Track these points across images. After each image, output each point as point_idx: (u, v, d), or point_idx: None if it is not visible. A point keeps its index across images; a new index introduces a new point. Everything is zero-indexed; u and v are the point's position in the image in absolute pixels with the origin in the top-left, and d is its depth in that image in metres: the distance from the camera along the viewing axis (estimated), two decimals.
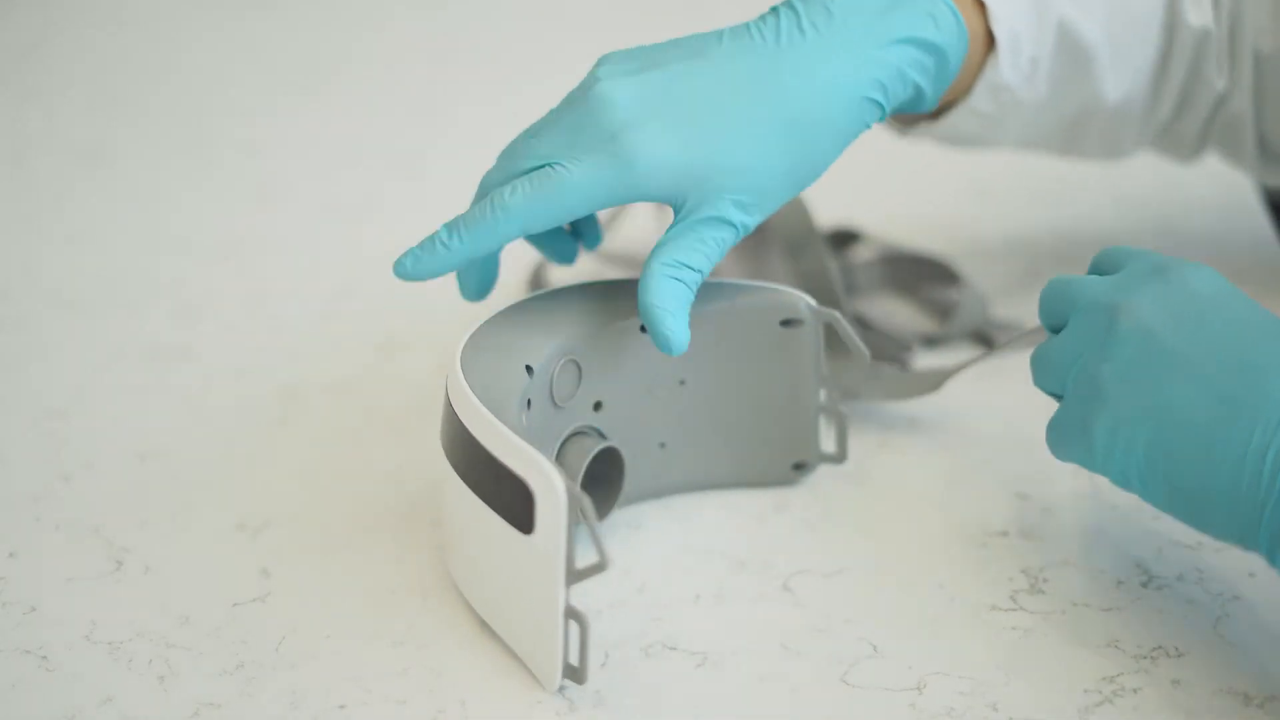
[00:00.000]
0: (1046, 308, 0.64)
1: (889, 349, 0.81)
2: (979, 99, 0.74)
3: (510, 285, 0.89)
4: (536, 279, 0.90)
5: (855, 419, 0.77)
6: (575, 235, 0.74)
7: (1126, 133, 0.82)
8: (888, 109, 0.68)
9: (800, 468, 0.73)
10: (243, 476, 0.75)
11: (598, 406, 0.69)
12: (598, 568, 0.58)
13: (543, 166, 0.65)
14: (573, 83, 0.68)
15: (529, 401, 0.65)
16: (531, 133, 0.67)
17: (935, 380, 0.76)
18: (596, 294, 0.69)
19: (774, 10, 0.68)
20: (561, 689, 0.61)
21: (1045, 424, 0.64)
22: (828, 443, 0.74)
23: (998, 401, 0.79)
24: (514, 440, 0.59)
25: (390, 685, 0.62)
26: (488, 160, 0.69)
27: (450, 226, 0.66)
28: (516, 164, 0.66)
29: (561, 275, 0.91)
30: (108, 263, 0.96)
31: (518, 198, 0.65)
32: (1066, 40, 0.75)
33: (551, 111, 0.67)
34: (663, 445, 0.71)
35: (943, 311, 0.86)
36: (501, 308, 0.69)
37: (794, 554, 0.69)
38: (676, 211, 0.66)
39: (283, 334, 0.89)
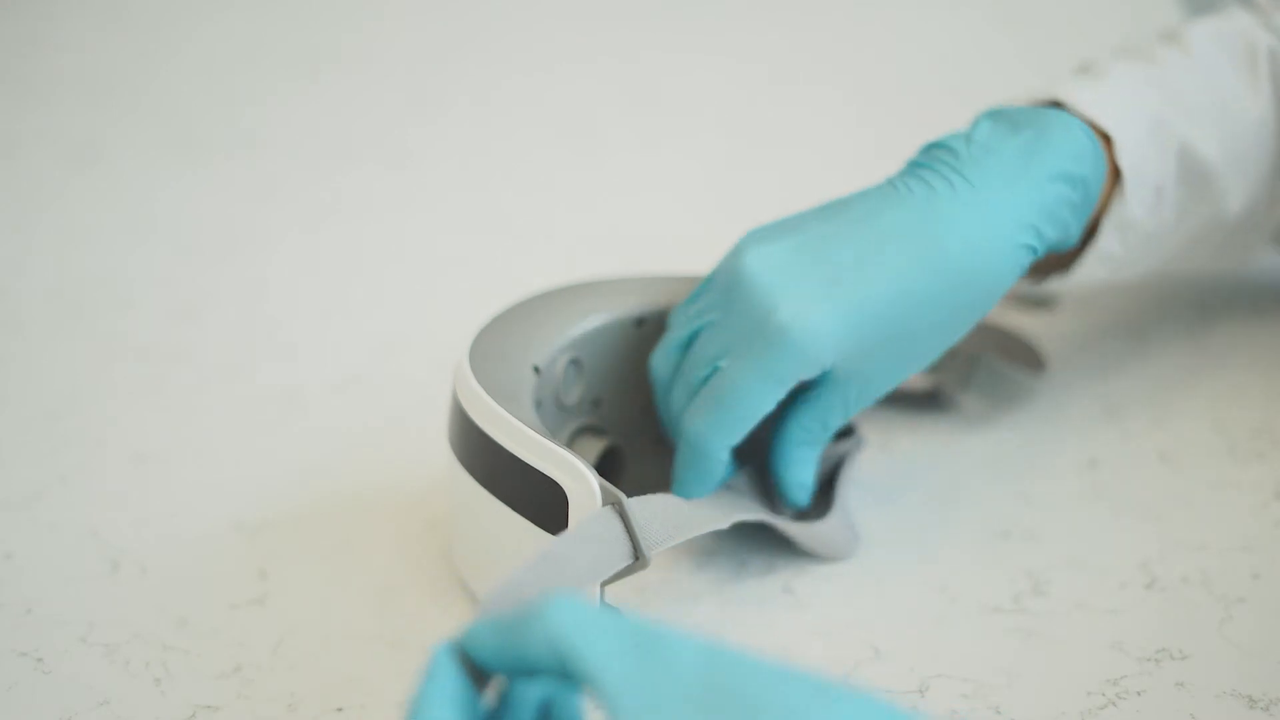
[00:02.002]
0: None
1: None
2: (1107, 240, 0.71)
3: (511, 285, 0.88)
4: None
5: (856, 419, 0.77)
6: None
7: (1250, 239, 0.79)
8: (1040, 251, 0.66)
9: None
10: (240, 477, 0.75)
11: (597, 404, 0.69)
12: (637, 566, 0.58)
13: (711, 372, 0.64)
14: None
15: (539, 402, 0.64)
16: (688, 315, 0.67)
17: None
18: (595, 292, 0.69)
19: (915, 164, 0.67)
20: None
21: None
22: None
23: (999, 401, 0.79)
24: (542, 442, 0.59)
25: (389, 687, 0.62)
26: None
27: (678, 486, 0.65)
28: (688, 373, 0.65)
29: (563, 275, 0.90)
30: (104, 262, 0.96)
31: (699, 422, 0.64)
32: (1188, 163, 0.72)
33: (704, 285, 0.67)
34: (659, 441, 0.71)
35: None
36: (501, 309, 0.68)
37: (795, 555, 0.69)
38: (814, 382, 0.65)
39: (281, 334, 0.89)
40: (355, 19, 1.36)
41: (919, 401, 0.77)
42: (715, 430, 0.63)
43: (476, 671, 0.49)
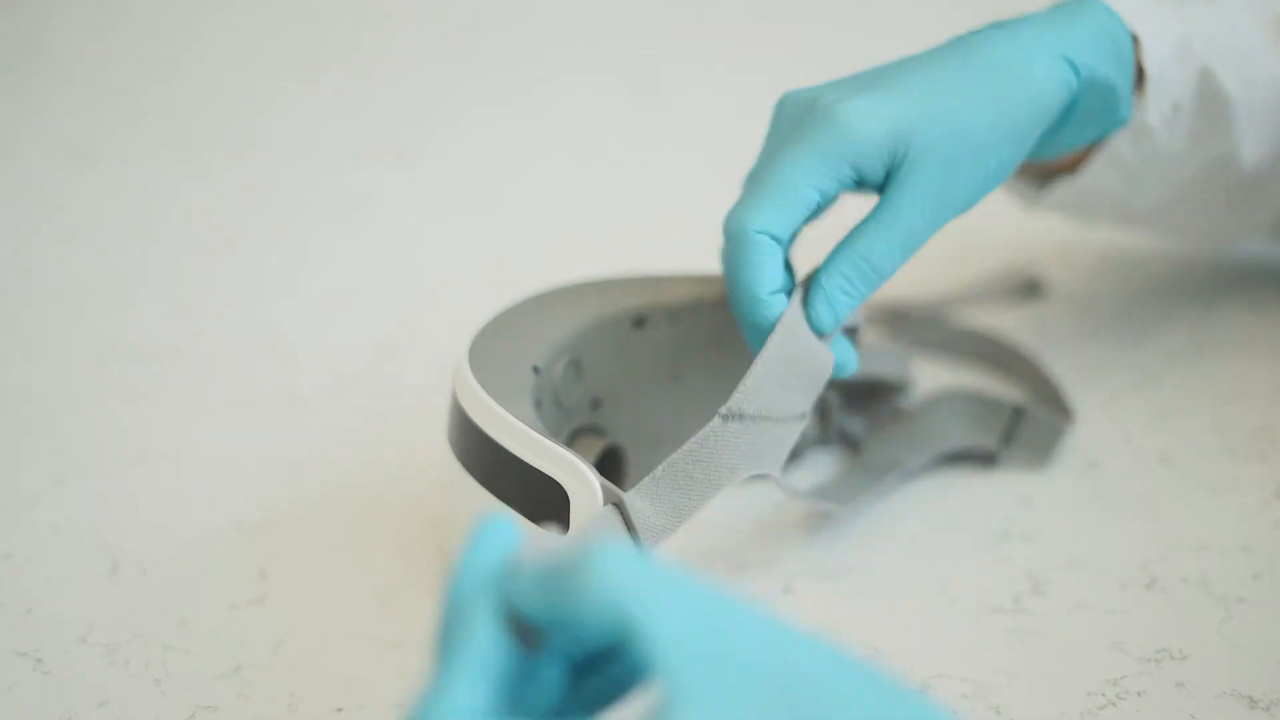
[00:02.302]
0: None
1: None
2: (1122, 144, 0.72)
3: (511, 285, 0.88)
4: None
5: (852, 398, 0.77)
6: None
7: (1259, 205, 0.78)
8: (1082, 76, 0.66)
9: (794, 457, 0.73)
10: (240, 477, 0.75)
11: (596, 404, 0.69)
12: None
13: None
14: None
15: (539, 402, 0.64)
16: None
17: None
18: (594, 292, 0.69)
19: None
20: None
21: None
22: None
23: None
24: (543, 441, 0.59)
25: (388, 687, 0.62)
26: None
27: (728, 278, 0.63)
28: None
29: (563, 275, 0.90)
30: (103, 262, 0.96)
31: (738, 206, 0.62)
32: (1207, 88, 0.72)
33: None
34: (659, 440, 0.71)
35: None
36: (501, 309, 0.68)
37: (795, 556, 0.69)
38: (882, 190, 0.64)
39: (281, 334, 0.89)
40: (355, 19, 1.36)
41: (964, 459, 0.76)
42: (757, 210, 0.61)
43: (524, 628, 0.44)
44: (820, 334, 0.63)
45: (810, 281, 0.63)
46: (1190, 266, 0.89)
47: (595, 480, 0.58)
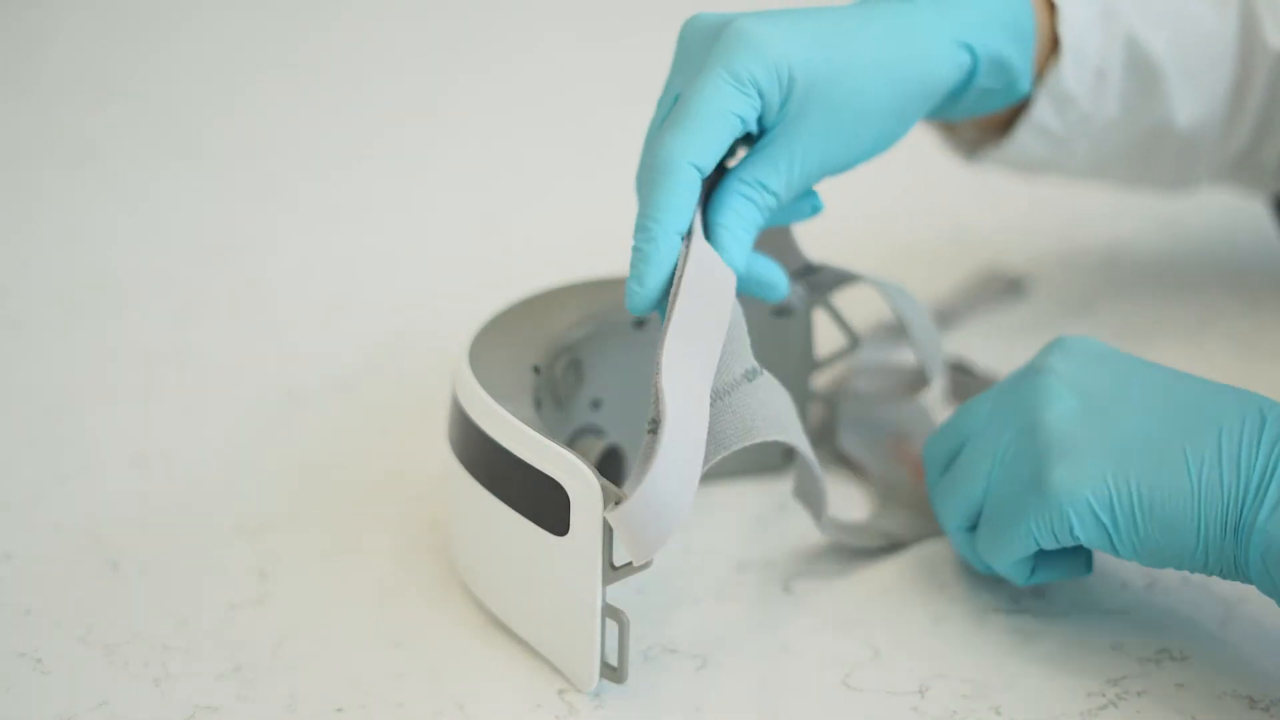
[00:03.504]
0: (932, 454, 0.66)
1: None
2: (1042, 111, 0.72)
3: (511, 285, 0.88)
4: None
5: (855, 421, 0.77)
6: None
7: (1200, 160, 0.79)
8: (979, 59, 0.66)
9: (791, 453, 0.73)
10: (240, 478, 0.75)
11: (596, 404, 0.69)
12: (642, 566, 0.58)
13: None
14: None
15: (539, 402, 0.64)
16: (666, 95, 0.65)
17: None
18: (594, 292, 0.69)
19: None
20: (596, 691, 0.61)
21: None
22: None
23: None
24: (544, 442, 0.59)
25: (388, 688, 0.62)
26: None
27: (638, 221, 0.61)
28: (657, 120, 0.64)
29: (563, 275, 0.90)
30: (105, 263, 0.96)
31: (660, 135, 0.61)
32: (1135, 55, 0.73)
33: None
34: None
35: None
36: (501, 309, 0.68)
37: (795, 555, 0.69)
38: (765, 133, 0.63)
39: (281, 334, 0.88)
40: (355, 19, 1.36)
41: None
42: (687, 140, 0.60)
43: None
44: (734, 269, 0.61)
45: (706, 219, 0.62)
46: (1190, 266, 0.89)
47: (596, 481, 0.58)
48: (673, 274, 0.59)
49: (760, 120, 0.62)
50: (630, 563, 0.59)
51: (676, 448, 0.56)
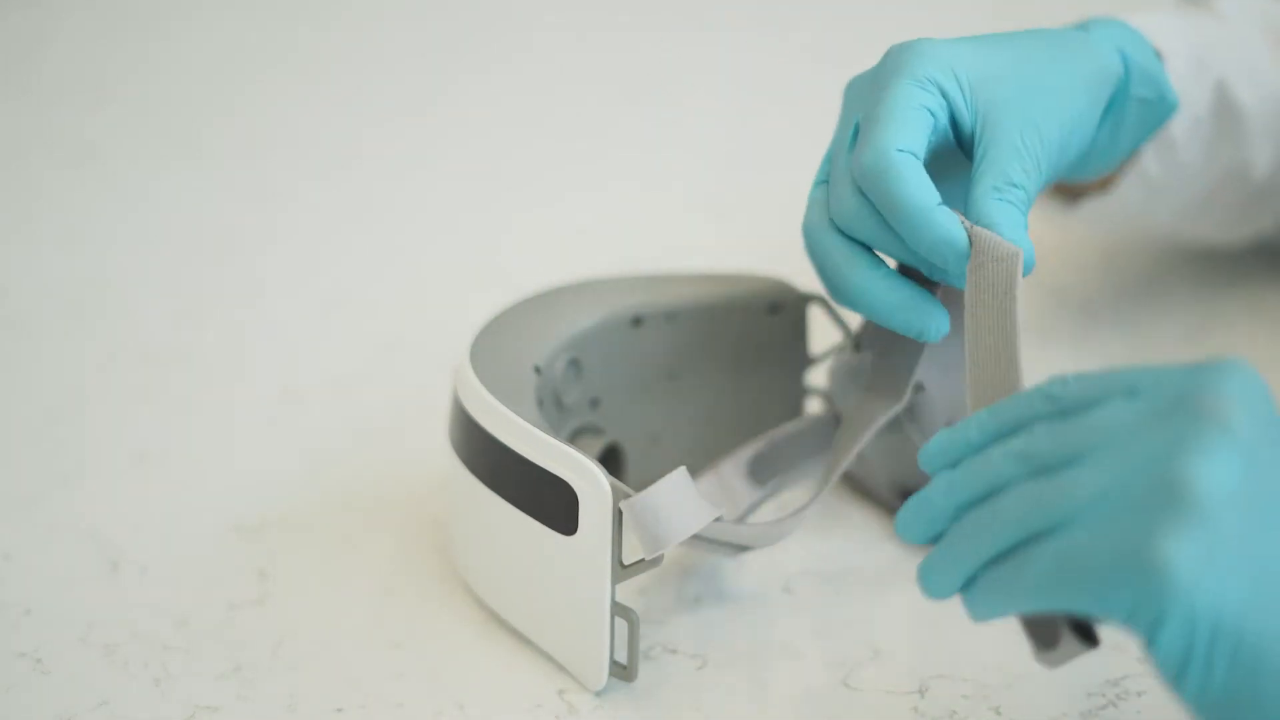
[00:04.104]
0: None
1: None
2: (1149, 159, 0.73)
3: (511, 285, 0.88)
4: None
5: None
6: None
7: (1267, 210, 0.80)
8: (1131, 65, 0.66)
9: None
10: (240, 477, 0.75)
11: (595, 403, 0.69)
12: (652, 564, 0.58)
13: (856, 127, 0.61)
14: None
15: (540, 401, 0.64)
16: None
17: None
18: (593, 292, 0.69)
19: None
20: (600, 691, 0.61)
21: None
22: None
23: None
24: (550, 441, 0.59)
25: (388, 688, 0.62)
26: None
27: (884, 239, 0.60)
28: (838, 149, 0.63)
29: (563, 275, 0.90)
30: (104, 262, 0.96)
31: (864, 140, 0.59)
32: (1222, 102, 0.74)
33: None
34: (656, 439, 0.71)
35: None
36: (501, 309, 0.68)
37: (795, 555, 0.69)
38: (975, 145, 0.61)
39: (281, 334, 0.89)
40: (355, 19, 1.36)
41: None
42: (888, 134, 0.58)
43: None
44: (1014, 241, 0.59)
45: (968, 201, 0.60)
46: (1190, 266, 0.89)
47: (605, 479, 0.58)
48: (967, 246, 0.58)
49: (958, 128, 0.61)
50: (640, 560, 0.59)
51: None
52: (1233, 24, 0.76)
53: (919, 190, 0.58)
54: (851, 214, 0.61)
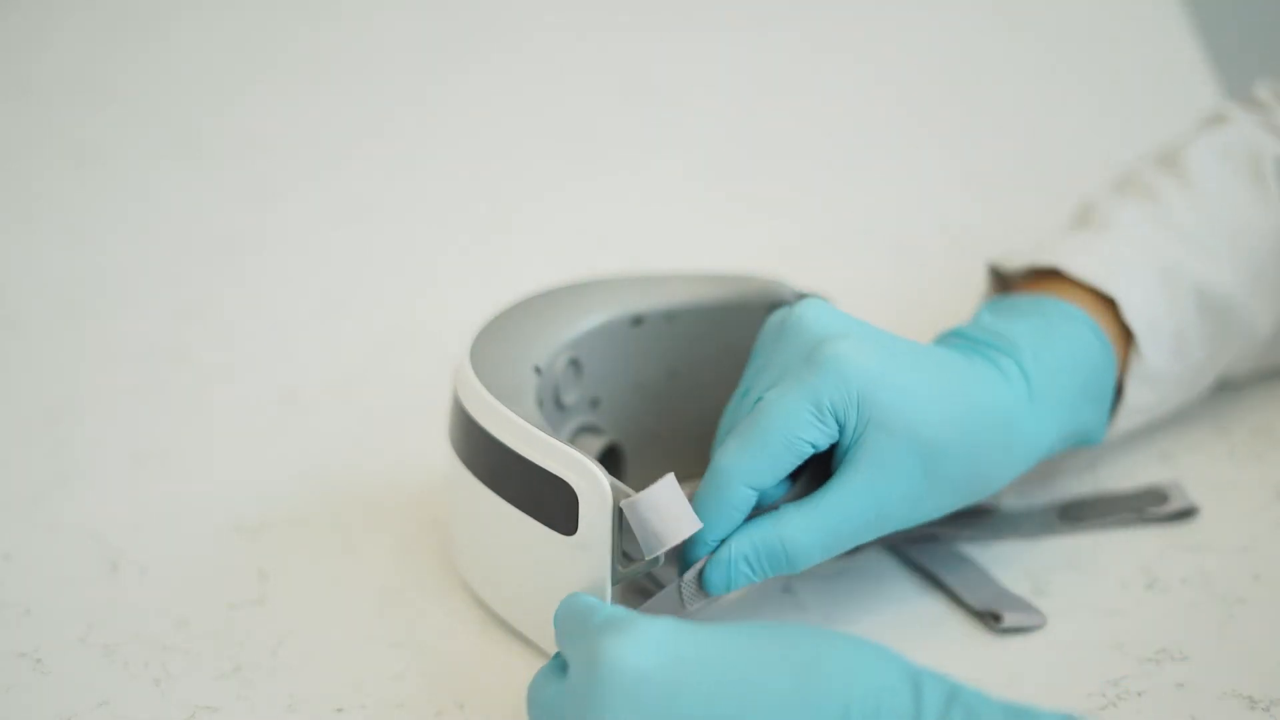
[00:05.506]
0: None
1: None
2: (1135, 395, 0.70)
3: (511, 285, 0.88)
4: None
5: None
6: None
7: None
8: (1059, 440, 0.66)
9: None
10: (240, 477, 0.75)
11: (595, 403, 0.69)
12: (651, 564, 0.58)
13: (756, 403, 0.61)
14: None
15: (540, 402, 0.64)
16: (746, 374, 0.64)
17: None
18: (593, 292, 0.69)
19: (967, 339, 0.66)
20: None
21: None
22: None
23: None
24: (551, 442, 0.59)
25: (388, 688, 0.62)
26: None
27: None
28: (734, 417, 0.63)
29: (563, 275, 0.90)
30: (104, 262, 0.96)
31: (727, 449, 0.60)
32: (1206, 301, 0.71)
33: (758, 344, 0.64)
34: (656, 439, 0.71)
35: None
36: (500, 310, 0.68)
37: None
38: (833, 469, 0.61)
39: (281, 334, 0.88)
40: (355, 19, 1.36)
41: None
42: (741, 455, 0.59)
43: None
44: (708, 593, 0.61)
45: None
46: None
47: (605, 479, 0.58)
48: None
49: (836, 446, 0.61)
50: (640, 560, 0.59)
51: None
52: (1202, 189, 0.72)
53: (720, 523, 0.60)
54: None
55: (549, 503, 0.59)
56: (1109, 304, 0.69)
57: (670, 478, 0.58)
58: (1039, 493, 0.72)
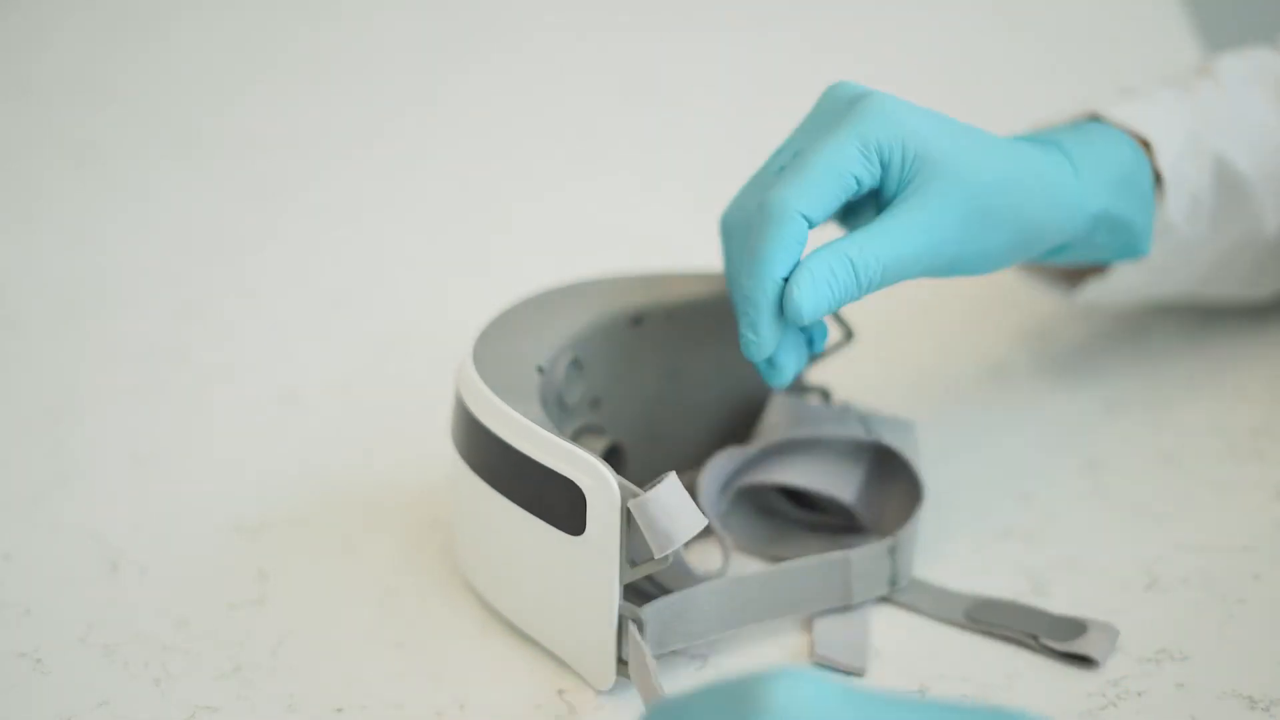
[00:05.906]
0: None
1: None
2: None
3: (511, 285, 0.88)
4: None
5: None
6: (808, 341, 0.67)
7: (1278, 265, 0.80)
8: (1102, 222, 0.68)
9: None
10: (240, 477, 0.75)
11: (596, 403, 0.69)
12: (659, 563, 0.58)
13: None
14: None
15: (543, 401, 0.64)
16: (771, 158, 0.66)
17: None
18: (593, 291, 0.69)
19: (1045, 141, 0.68)
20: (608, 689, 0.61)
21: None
22: None
23: (1002, 401, 0.79)
24: (557, 441, 0.59)
25: (388, 688, 0.62)
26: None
27: (738, 268, 0.63)
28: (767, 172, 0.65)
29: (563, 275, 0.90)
30: (104, 263, 0.96)
31: (778, 185, 0.61)
32: (1223, 174, 0.74)
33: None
34: (656, 439, 0.71)
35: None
36: (502, 309, 0.68)
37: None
38: (882, 206, 0.63)
39: (281, 334, 0.88)
40: (355, 19, 1.36)
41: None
42: (792, 187, 0.61)
43: None
44: (798, 321, 0.61)
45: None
46: None
47: (613, 479, 0.58)
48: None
49: (880, 193, 0.63)
50: (648, 559, 0.58)
51: None
52: (1231, 89, 0.75)
53: (783, 257, 0.61)
54: (738, 222, 0.65)
55: (556, 503, 0.59)
56: (1143, 147, 0.71)
57: (673, 476, 0.58)
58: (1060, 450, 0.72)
